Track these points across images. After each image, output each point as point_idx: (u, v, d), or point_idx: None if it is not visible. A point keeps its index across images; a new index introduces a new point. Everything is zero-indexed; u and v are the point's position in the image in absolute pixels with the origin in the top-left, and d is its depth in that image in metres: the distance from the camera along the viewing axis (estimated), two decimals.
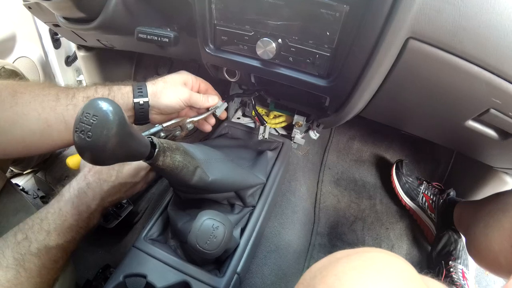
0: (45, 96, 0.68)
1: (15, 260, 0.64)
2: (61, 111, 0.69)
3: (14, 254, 0.64)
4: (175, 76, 0.82)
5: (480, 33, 0.51)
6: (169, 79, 0.80)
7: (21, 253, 0.65)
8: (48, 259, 0.68)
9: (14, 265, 0.63)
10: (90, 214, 0.75)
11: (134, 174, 0.81)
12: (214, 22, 0.72)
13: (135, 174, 0.81)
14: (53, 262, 0.69)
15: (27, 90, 0.67)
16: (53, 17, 0.95)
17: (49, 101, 0.68)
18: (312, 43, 0.64)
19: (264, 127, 1.15)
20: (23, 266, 0.64)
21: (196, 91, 0.86)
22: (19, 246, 0.66)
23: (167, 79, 0.80)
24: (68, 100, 0.70)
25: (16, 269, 0.63)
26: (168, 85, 0.79)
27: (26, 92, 0.67)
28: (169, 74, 0.83)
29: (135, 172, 0.81)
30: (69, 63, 1.82)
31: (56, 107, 0.68)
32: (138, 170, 0.81)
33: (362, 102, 0.73)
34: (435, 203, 1.19)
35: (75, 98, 0.70)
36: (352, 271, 0.39)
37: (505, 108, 0.61)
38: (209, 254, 0.68)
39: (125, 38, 1.08)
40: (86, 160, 0.44)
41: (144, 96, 0.76)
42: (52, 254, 0.69)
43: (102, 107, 0.42)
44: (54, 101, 0.68)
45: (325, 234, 1.27)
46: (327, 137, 1.59)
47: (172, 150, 0.59)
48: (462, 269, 1.03)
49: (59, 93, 0.70)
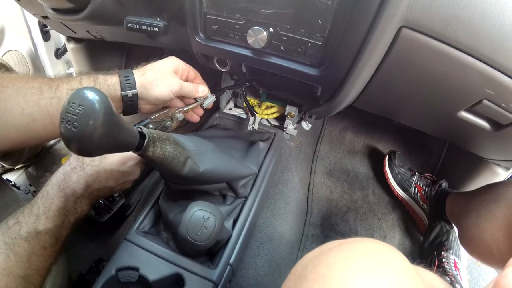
0: (28, 89, 0.66)
1: (5, 244, 0.63)
2: (45, 105, 0.67)
3: (5, 239, 0.64)
4: (165, 63, 0.80)
5: (474, 23, 0.50)
6: (158, 68, 0.78)
7: (12, 237, 0.65)
8: (37, 243, 0.67)
9: (4, 249, 0.63)
10: (76, 198, 0.74)
11: (120, 162, 0.79)
12: (204, 10, 0.71)
13: (121, 162, 0.79)
14: (42, 248, 0.68)
15: (10, 83, 0.65)
16: (42, 8, 0.93)
17: (32, 95, 0.66)
18: (304, 32, 0.63)
19: (254, 118, 1.14)
20: (13, 251, 0.63)
21: (185, 79, 0.85)
22: (10, 231, 0.65)
23: (157, 68, 0.78)
24: (52, 93, 0.68)
25: (6, 253, 0.63)
26: (158, 76, 0.76)
27: (9, 86, 0.65)
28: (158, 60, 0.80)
29: (121, 160, 0.79)
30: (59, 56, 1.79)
31: (40, 100, 0.66)
32: (125, 159, 0.79)
33: (354, 92, 0.73)
34: (427, 194, 1.19)
35: (58, 91, 0.69)
36: (343, 261, 0.38)
37: (498, 99, 0.60)
38: (200, 246, 0.67)
39: (114, 28, 1.07)
40: (73, 151, 0.43)
41: (133, 88, 0.74)
42: (41, 239, 0.68)
43: (88, 96, 0.41)
44: (37, 94, 0.66)
45: (318, 224, 1.27)
46: (319, 128, 1.59)
47: (162, 141, 0.58)
48: (454, 259, 1.03)
49: (42, 86, 0.68)
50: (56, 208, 0.71)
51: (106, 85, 0.72)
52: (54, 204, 0.71)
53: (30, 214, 0.69)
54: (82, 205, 0.76)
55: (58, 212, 0.71)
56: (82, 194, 0.75)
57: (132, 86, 0.74)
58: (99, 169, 0.76)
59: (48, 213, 0.70)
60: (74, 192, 0.74)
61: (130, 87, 0.74)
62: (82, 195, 0.75)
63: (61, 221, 0.72)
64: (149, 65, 0.78)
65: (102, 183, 0.77)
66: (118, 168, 0.79)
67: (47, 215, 0.70)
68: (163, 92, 0.77)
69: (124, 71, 0.75)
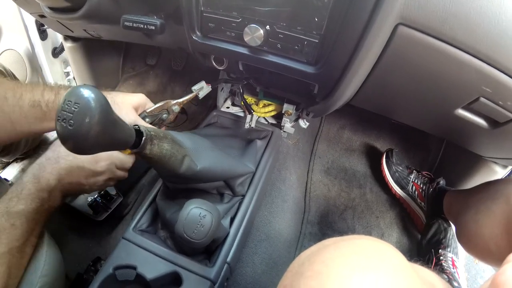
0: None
1: None
2: (8, 112, 0.70)
3: None
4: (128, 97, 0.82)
5: (470, 20, 0.50)
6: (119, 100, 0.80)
7: None
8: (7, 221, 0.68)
9: None
10: (50, 188, 0.75)
11: (91, 161, 0.79)
12: (201, 8, 0.71)
13: (92, 161, 0.79)
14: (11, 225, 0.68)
15: None
16: (39, 7, 0.93)
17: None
18: (300, 30, 0.63)
19: (251, 116, 1.14)
20: None
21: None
22: None
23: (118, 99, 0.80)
24: (15, 101, 0.70)
25: None
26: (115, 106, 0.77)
27: None
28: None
29: (92, 160, 0.79)
30: (56, 55, 1.79)
31: (3, 107, 0.69)
32: (96, 158, 0.80)
33: (351, 89, 0.73)
34: (425, 192, 1.19)
35: (21, 100, 0.71)
36: (339, 258, 0.38)
37: (495, 96, 0.61)
38: (197, 243, 0.67)
39: (111, 27, 1.07)
40: (69, 149, 0.43)
41: None
42: (11, 217, 0.69)
43: (83, 94, 0.41)
44: (2, 100, 0.69)
45: (316, 223, 1.27)
46: (317, 127, 1.59)
47: (159, 138, 0.58)
48: (452, 257, 1.04)
49: (7, 91, 0.70)
50: (28, 192, 0.72)
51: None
52: (26, 189, 0.72)
53: (3, 199, 0.70)
54: (56, 196, 0.77)
55: (30, 196, 0.72)
56: (55, 185, 0.75)
57: None
58: (72, 164, 0.77)
59: (20, 196, 0.71)
60: (47, 182, 0.75)
61: None
62: (55, 186, 0.75)
63: (33, 206, 0.72)
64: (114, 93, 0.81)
65: (73, 178, 0.78)
66: (89, 166, 0.79)
67: (18, 198, 0.71)
68: None
69: None
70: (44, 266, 0.74)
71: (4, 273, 0.65)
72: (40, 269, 0.73)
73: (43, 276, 0.73)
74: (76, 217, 1.10)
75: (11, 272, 0.67)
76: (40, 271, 0.73)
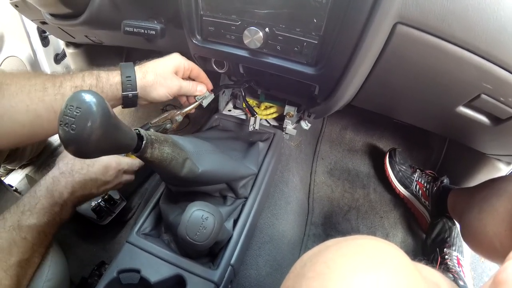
0: (32, 86, 0.67)
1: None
2: (49, 101, 0.68)
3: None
4: (165, 64, 0.80)
5: (469, 17, 0.50)
6: (159, 70, 0.78)
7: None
8: (19, 235, 0.68)
9: None
10: (63, 201, 0.75)
11: (103, 171, 0.81)
12: (200, 12, 0.71)
13: (104, 172, 0.81)
14: (23, 239, 0.68)
15: (13, 81, 0.66)
16: (40, 14, 0.94)
17: (36, 91, 0.67)
18: (300, 31, 0.63)
19: (255, 118, 1.14)
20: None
21: (187, 77, 0.86)
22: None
23: (158, 70, 0.78)
24: (56, 90, 0.69)
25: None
26: (158, 79, 0.77)
27: (12, 84, 0.66)
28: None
29: (104, 170, 0.81)
30: (58, 61, 1.80)
31: (44, 97, 0.68)
32: (107, 168, 0.82)
33: (351, 90, 0.73)
34: (429, 191, 1.19)
35: (62, 87, 0.70)
36: (341, 258, 0.38)
37: (496, 93, 0.60)
38: (200, 246, 0.67)
39: (112, 32, 1.07)
40: (71, 153, 0.43)
41: (134, 90, 0.75)
42: (23, 231, 0.69)
43: (85, 99, 0.42)
44: (41, 91, 0.68)
45: (320, 224, 1.27)
46: (319, 128, 1.59)
47: (160, 142, 0.58)
48: (457, 256, 1.03)
49: (45, 82, 0.69)
50: (42, 207, 0.72)
51: (108, 85, 0.74)
52: (40, 203, 0.72)
53: (15, 211, 0.70)
54: (68, 208, 0.78)
55: (43, 211, 0.72)
56: (68, 198, 0.76)
57: (133, 88, 0.75)
58: (85, 177, 0.79)
59: (33, 210, 0.71)
60: (61, 195, 0.75)
61: (131, 89, 0.75)
62: (68, 199, 0.76)
63: (45, 220, 0.73)
64: (151, 66, 0.79)
65: (87, 190, 0.80)
66: (101, 177, 0.81)
67: (31, 212, 0.71)
68: (161, 94, 0.79)
69: (126, 69, 0.77)
70: (48, 270, 0.74)
71: (13, 285, 0.65)
72: (45, 273, 0.74)
73: (48, 281, 0.73)
74: (80, 221, 1.10)
75: (20, 283, 0.68)
76: (45, 276, 0.74)
